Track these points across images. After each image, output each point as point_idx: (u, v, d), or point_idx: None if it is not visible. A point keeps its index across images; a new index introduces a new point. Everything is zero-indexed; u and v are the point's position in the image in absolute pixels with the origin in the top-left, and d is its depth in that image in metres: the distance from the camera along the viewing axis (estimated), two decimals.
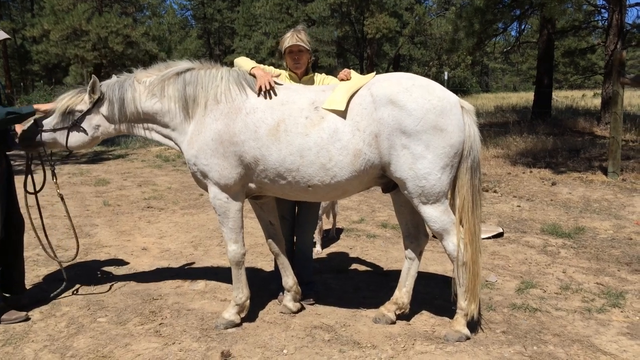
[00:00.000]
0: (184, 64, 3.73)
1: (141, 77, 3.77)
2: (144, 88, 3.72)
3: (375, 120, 3.28)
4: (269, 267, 5.03)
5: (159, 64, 3.85)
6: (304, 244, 4.28)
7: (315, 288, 4.34)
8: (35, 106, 3.89)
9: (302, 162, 3.36)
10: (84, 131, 3.82)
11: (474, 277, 3.45)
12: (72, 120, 3.78)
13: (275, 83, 3.61)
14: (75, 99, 3.78)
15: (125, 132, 3.92)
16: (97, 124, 3.83)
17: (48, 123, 3.83)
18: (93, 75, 3.80)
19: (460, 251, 3.42)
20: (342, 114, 3.33)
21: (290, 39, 3.92)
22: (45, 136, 3.82)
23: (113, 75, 3.96)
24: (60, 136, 3.83)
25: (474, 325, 3.65)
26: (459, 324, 3.53)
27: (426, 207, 3.38)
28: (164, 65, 3.81)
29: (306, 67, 4.06)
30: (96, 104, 3.79)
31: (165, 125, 3.76)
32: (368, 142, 3.30)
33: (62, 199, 4.27)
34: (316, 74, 4.15)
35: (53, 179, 4.16)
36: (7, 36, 4.03)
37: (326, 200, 3.72)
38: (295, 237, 4.30)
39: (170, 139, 3.80)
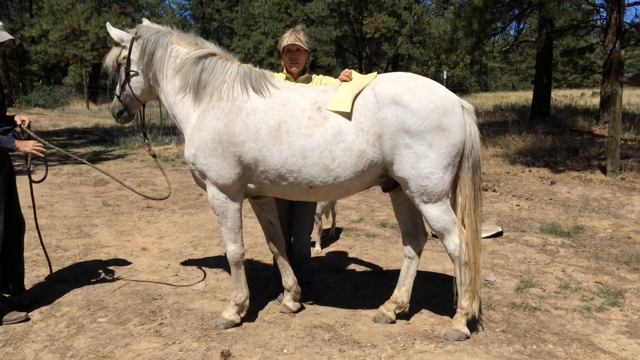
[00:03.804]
0: (208, 48, 3.76)
1: (174, 41, 3.78)
2: (173, 54, 3.74)
3: (379, 120, 3.29)
4: (268, 266, 5.03)
5: (192, 36, 3.86)
6: (300, 244, 4.29)
7: (315, 288, 4.35)
8: (16, 143, 3.83)
9: (305, 163, 3.36)
10: (137, 74, 3.86)
11: (474, 276, 3.46)
12: (125, 71, 3.86)
13: (273, 85, 3.61)
14: (115, 52, 3.89)
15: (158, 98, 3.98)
16: (138, 67, 3.87)
17: (118, 88, 3.96)
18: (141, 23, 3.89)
19: (462, 250, 3.43)
20: (347, 114, 3.33)
21: (288, 38, 3.95)
22: (123, 99, 3.95)
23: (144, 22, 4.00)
24: (129, 91, 3.91)
25: (473, 324, 3.66)
26: (459, 323, 3.54)
27: (428, 206, 3.39)
28: (195, 40, 3.82)
29: (303, 67, 4.08)
30: (133, 45, 3.81)
31: (174, 105, 3.77)
32: (372, 143, 3.30)
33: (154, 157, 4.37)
34: (314, 75, 4.15)
35: (145, 140, 4.39)
36: (10, 37, 4.02)
37: (327, 200, 3.73)
38: (292, 238, 4.31)
39: (176, 121, 3.83)
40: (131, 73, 3.85)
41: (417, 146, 3.25)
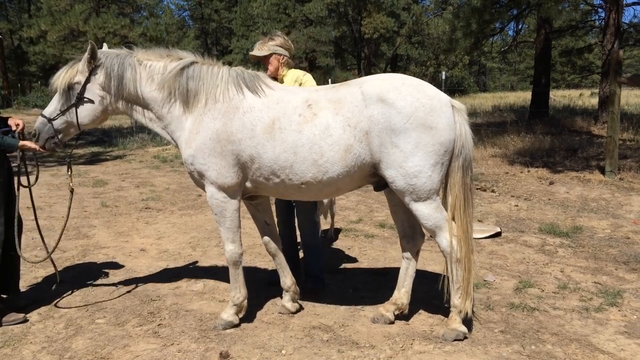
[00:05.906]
0: (187, 57, 3.72)
1: (142, 59, 3.73)
2: (145, 72, 3.69)
3: (365, 117, 3.32)
4: (267, 267, 5.03)
5: (159, 49, 3.81)
6: (303, 232, 4.46)
7: (320, 285, 4.41)
8: (21, 143, 3.82)
9: (296, 159, 3.39)
10: (91, 101, 3.74)
11: (467, 273, 3.46)
12: (76, 96, 3.71)
13: (268, 85, 3.69)
14: (71, 72, 3.70)
15: (128, 114, 3.86)
16: (100, 94, 3.75)
17: (54, 110, 3.74)
18: (91, 42, 3.67)
19: (454, 247, 3.44)
20: (334, 109, 3.38)
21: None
22: (57, 124, 3.75)
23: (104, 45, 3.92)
24: (70, 116, 3.75)
25: (472, 324, 3.66)
26: (455, 321, 3.54)
27: (418, 204, 3.40)
28: (165, 52, 3.78)
29: (276, 67, 4.32)
30: (92, 72, 3.70)
31: (162, 117, 3.73)
32: (359, 139, 3.33)
33: (71, 192, 4.39)
34: (291, 70, 4.40)
35: (68, 172, 4.30)
36: None
37: (320, 199, 3.77)
38: (297, 224, 4.54)
39: (167, 132, 3.79)
40: (84, 99, 3.72)
41: (403, 144, 3.26)
